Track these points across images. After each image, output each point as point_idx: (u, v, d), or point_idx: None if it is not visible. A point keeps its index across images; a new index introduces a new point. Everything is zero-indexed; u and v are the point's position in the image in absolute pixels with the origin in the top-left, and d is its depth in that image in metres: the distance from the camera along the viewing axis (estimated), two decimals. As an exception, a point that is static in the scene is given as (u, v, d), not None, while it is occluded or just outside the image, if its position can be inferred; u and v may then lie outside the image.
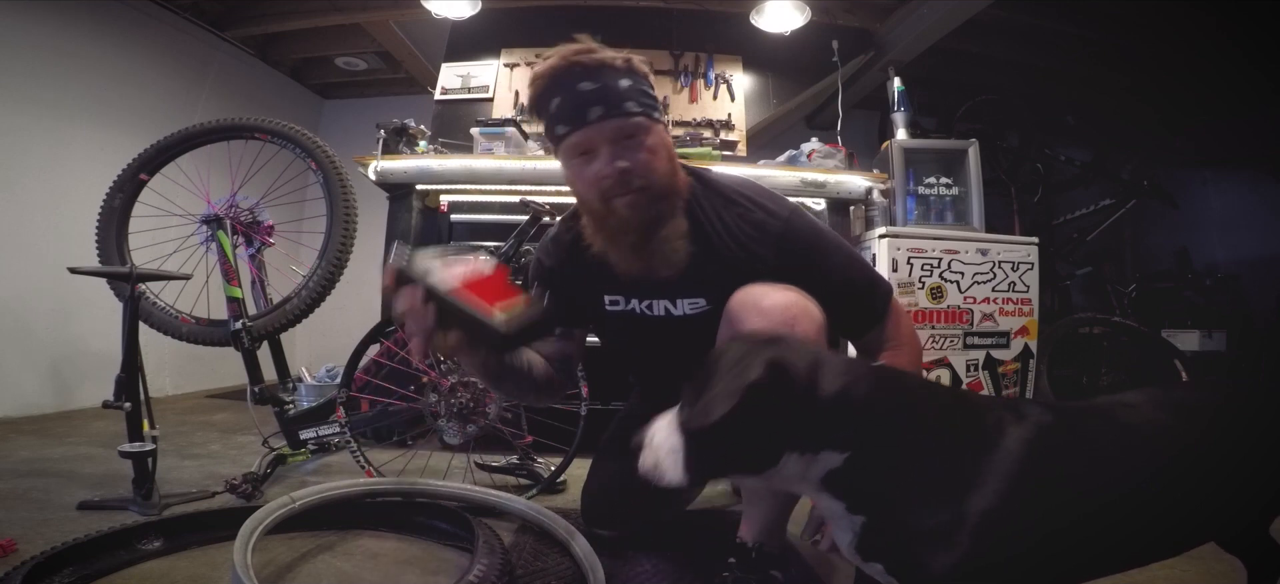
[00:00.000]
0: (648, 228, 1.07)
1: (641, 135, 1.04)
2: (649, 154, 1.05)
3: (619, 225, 1.07)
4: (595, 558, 1.16)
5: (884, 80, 3.20)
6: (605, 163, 1.03)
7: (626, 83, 1.03)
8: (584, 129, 1.03)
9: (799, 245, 1.09)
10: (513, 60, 3.37)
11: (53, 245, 2.68)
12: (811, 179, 2.62)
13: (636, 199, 1.05)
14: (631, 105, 1.03)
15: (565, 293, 1.24)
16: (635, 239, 1.07)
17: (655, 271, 1.11)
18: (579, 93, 1.02)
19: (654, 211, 1.06)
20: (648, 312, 1.18)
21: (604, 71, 1.03)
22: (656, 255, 1.09)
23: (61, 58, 2.89)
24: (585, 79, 1.02)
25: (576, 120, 1.03)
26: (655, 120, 1.06)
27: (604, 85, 1.02)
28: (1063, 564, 0.71)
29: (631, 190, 1.04)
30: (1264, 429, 0.81)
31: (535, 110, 1.10)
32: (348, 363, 1.73)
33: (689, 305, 1.15)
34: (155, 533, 1.22)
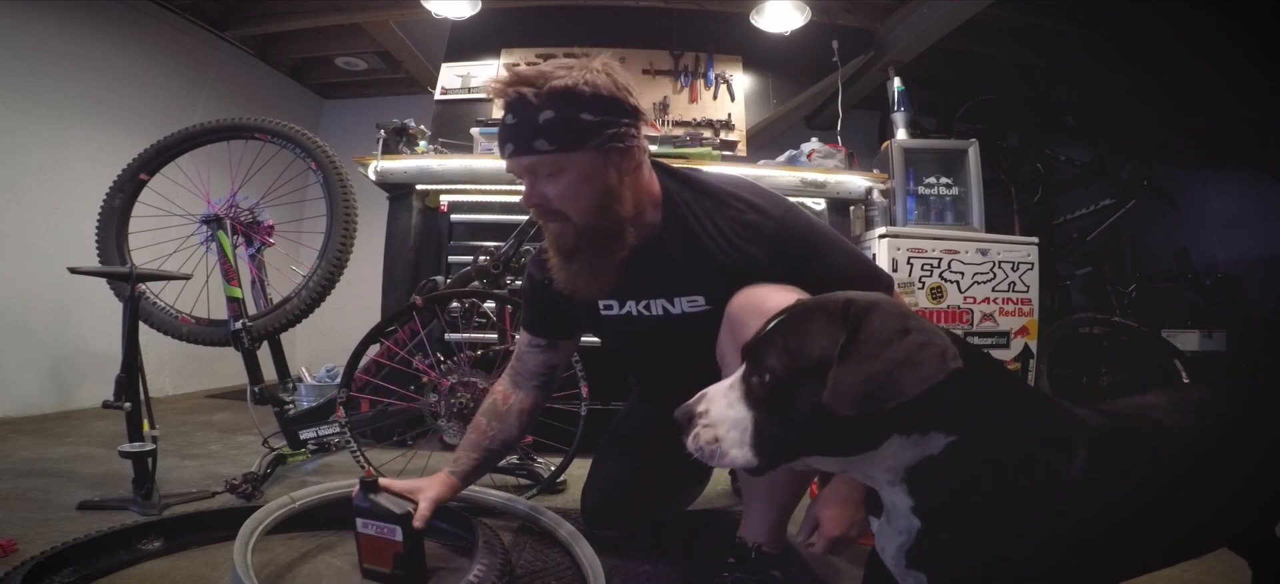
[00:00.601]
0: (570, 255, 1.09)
1: (558, 172, 1.03)
2: (563, 192, 1.04)
3: (550, 243, 1.12)
4: (595, 558, 1.16)
5: (884, 80, 3.20)
6: (526, 191, 1.06)
7: (547, 115, 0.99)
8: (507, 161, 1.06)
9: (795, 244, 1.08)
10: (513, 60, 3.36)
11: (53, 245, 2.68)
12: (811, 179, 2.62)
13: (557, 230, 1.08)
14: (541, 142, 1.00)
15: (557, 304, 1.23)
16: (562, 260, 1.11)
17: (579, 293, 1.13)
18: (504, 123, 1.05)
19: (577, 243, 1.08)
20: (645, 312, 1.18)
21: (521, 106, 1.01)
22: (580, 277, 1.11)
23: (61, 58, 2.89)
24: (509, 111, 1.03)
25: (501, 150, 1.07)
26: (590, 152, 1.02)
27: (520, 122, 1.01)
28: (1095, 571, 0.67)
29: (552, 221, 1.08)
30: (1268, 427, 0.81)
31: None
32: (348, 363, 1.73)
33: (687, 303, 1.15)
34: (155, 533, 1.22)
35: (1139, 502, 0.68)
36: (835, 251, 1.10)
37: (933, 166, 2.81)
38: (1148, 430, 0.74)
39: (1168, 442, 0.73)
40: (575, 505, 1.41)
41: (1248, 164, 3.77)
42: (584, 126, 1.01)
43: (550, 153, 1.01)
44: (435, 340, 1.94)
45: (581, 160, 1.02)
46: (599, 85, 1.01)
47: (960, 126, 3.59)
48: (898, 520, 0.68)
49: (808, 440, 0.64)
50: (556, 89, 1.00)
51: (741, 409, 0.64)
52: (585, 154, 1.02)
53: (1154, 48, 3.38)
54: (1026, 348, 2.46)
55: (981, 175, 2.75)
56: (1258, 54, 3.12)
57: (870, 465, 0.65)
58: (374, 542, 1.11)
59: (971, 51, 3.64)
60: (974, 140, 2.82)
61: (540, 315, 1.28)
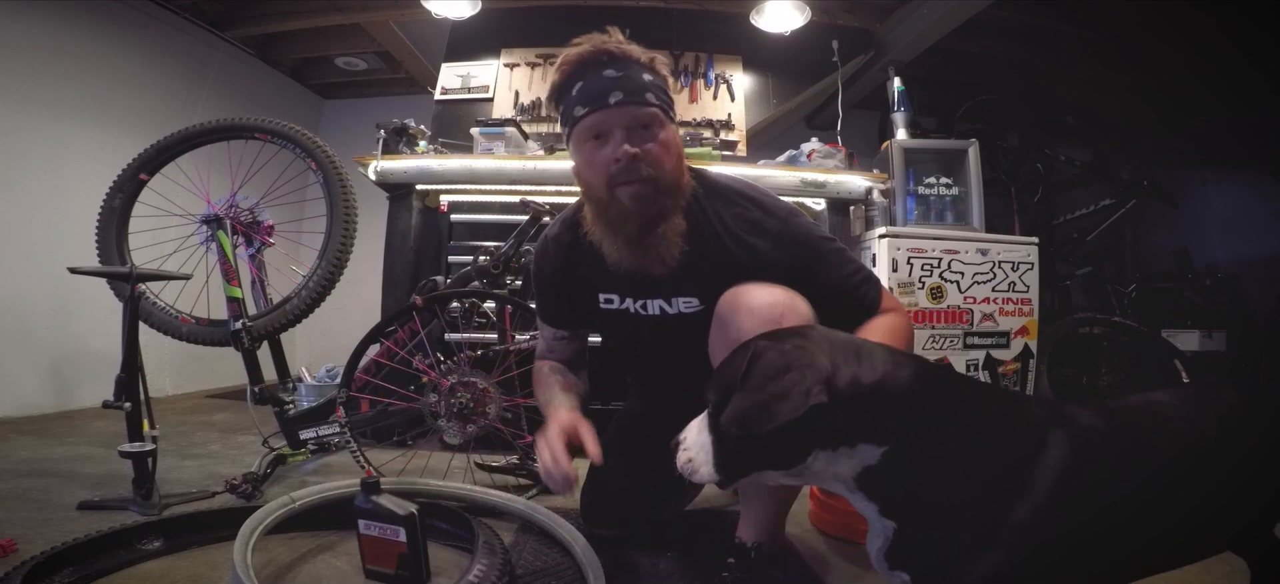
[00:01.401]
0: (647, 221, 1.07)
1: (656, 127, 1.07)
2: (660, 147, 1.07)
3: (619, 215, 1.08)
4: (595, 558, 1.16)
5: (884, 80, 3.20)
6: (617, 146, 1.05)
7: (648, 77, 1.07)
8: (602, 111, 1.05)
9: (796, 244, 1.11)
10: (513, 60, 3.37)
11: (53, 245, 2.68)
12: (811, 179, 2.62)
13: (641, 189, 1.06)
14: (650, 96, 1.06)
15: (564, 294, 1.25)
16: (634, 230, 1.08)
17: (648, 269, 1.11)
18: (603, 77, 1.05)
19: (656, 206, 1.07)
20: (642, 311, 1.18)
21: (628, 62, 1.07)
22: (652, 252, 1.09)
23: (61, 58, 2.89)
24: (610, 67, 1.06)
25: (596, 101, 1.05)
26: (671, 119, 1.10)
27: (627, 74, 1.05)
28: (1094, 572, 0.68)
29: (637, 179, 1.05)
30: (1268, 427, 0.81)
31: (557, 96, 1.12)
32: (348, 363, 1.73)
33: (683, 304, 1.16)
34: (155, 533, 1.22)
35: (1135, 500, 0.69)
36: (831, 254, 1.12)
37: (933, 166, 2.81)
38: (1145, 428, 0.75)
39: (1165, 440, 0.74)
40: (575, 505, 1.41)
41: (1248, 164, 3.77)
42: (670, 98, 1.12)
43: (655, 107, 1.07)
44: (435, 340, 1.94)
45: (671, 128, 1.10)
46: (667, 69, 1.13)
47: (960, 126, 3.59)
48: (873, 523, 0.73)
49: (750, 458, 0.73)
50: (656, 61, 1.10)
51: (706, 436, 0.75)
52: (673, 124, 1.11)
53: (1154, 48, 3.38)
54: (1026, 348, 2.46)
55: (981, 175, 2.75)
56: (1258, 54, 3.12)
57: (814, 477, 0.73)
58: (377, 543, 1.11)
59: (971, 51, 3.64)
60: (974, 140, 2.82)
61: (556, 308, 1.29)
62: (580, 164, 1.12)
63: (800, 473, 0.72)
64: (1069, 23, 3.32)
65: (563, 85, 1.10)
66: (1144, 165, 3.56)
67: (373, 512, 1.11)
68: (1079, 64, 3.66)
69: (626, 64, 1.06)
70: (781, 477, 0.74)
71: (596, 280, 1.20)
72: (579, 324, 1.32)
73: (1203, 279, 3.51)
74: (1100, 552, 0.67)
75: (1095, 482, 0.67)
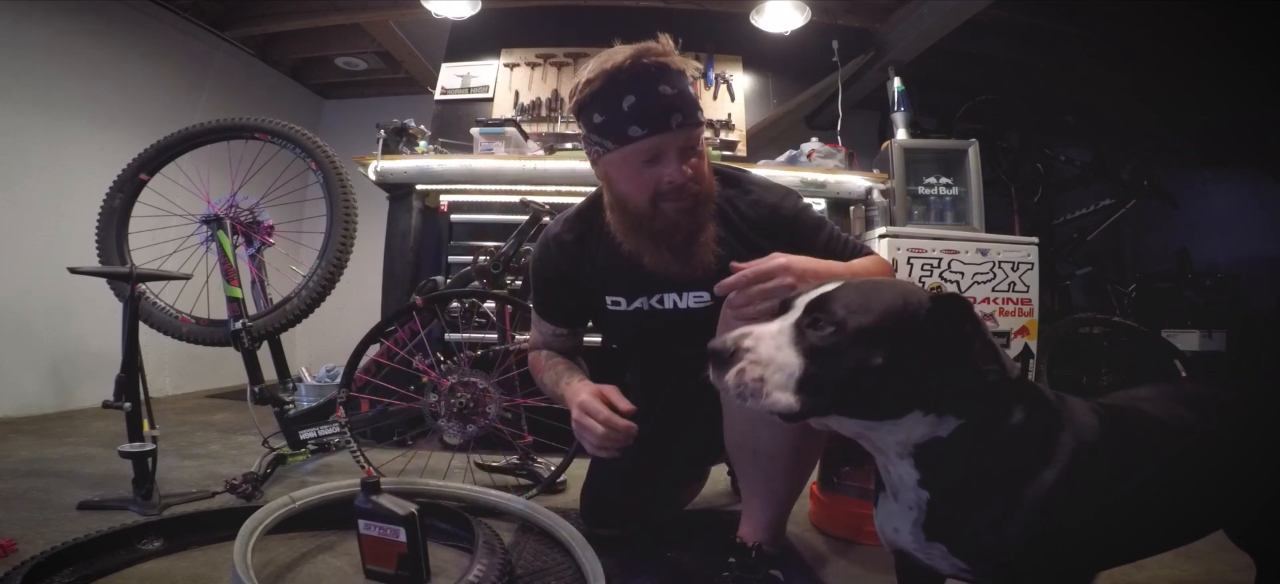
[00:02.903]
0: (691, 233, 1.11)
1: (701, 145, 1.10)
2: (704, 163, 1.10)
3: (665, 228, 1.10)
4: (595, 558, 1.16)
5: (884, 80, 3.20)
6: (673, 169, 1.05)
7: (692, 90, 1.09)
8: (663, 134, 1.04)
9: (808, 229, 1.18)
10: (513, 60, 3.37)
11: (53, 245, 2.68)
12: (811, 179, 2.62)
13: (688, 206, 1.09)
14: (700, 114, 1.09)
15: (567, 293, 1.26)
16: (681, 241, 1.11)
17: (689, 272, 1.14)
18: (660, 96, 1.03)
19: (698, 218, 1.11)
20: (658, 306, 1.21)
21: (681, 77, 1.06)
22: (695, 259, 1.13)
23: (61, 58, 2.89)
24: (664, 81, 1.03)
25: (656, 125, 1.03)
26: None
27: (681, 92, 1.05)
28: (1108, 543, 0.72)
29: (685, 197, 1.08)
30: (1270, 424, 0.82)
31: (598, 104, 1.07)
32: (348, 363, 1.73)
33: (693, 298, 1.18)
34: (155, 533, 1.22)
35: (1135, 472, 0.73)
36: (838, 238, 1.20)
37: (933, 166, 2.81)
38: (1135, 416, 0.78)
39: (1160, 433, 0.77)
40: (575, 505, 1.41)
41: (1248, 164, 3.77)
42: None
43: (702, 124, 1.10)
44: (435, 340, 1.94)
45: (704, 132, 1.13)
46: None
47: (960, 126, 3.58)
48: (905, 495, 0.72)
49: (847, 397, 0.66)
50: (687, 66, 1.10)
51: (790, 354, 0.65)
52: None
53: (1154, 48, 3.38)
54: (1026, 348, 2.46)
55: (981, 175, 2.75)
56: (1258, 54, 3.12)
57: (887, 434, 0.69)
58: (377, 543, 1.11)
59: (971, 51, 3.64)
60: (974, 140, 2.81)
61: (554, 306, 1.30)
62: (621, 177, 1.11)
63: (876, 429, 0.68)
64: (1069, 23, 3.32)
65: (607, 95, 1.05)
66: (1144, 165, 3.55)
67: (373, 512, 1.11)
68: (1079, 64, 3.66)
69: (679, 79, 1.05)
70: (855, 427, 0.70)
71: (603, 281, 1.21)
72: (578, 321, 1.32)
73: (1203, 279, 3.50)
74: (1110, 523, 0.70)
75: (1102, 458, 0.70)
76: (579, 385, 1.16)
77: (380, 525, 1.10)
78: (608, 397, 1.09)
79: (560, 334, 1.32)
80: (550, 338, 1.33)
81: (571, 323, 1.32)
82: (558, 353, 1.32)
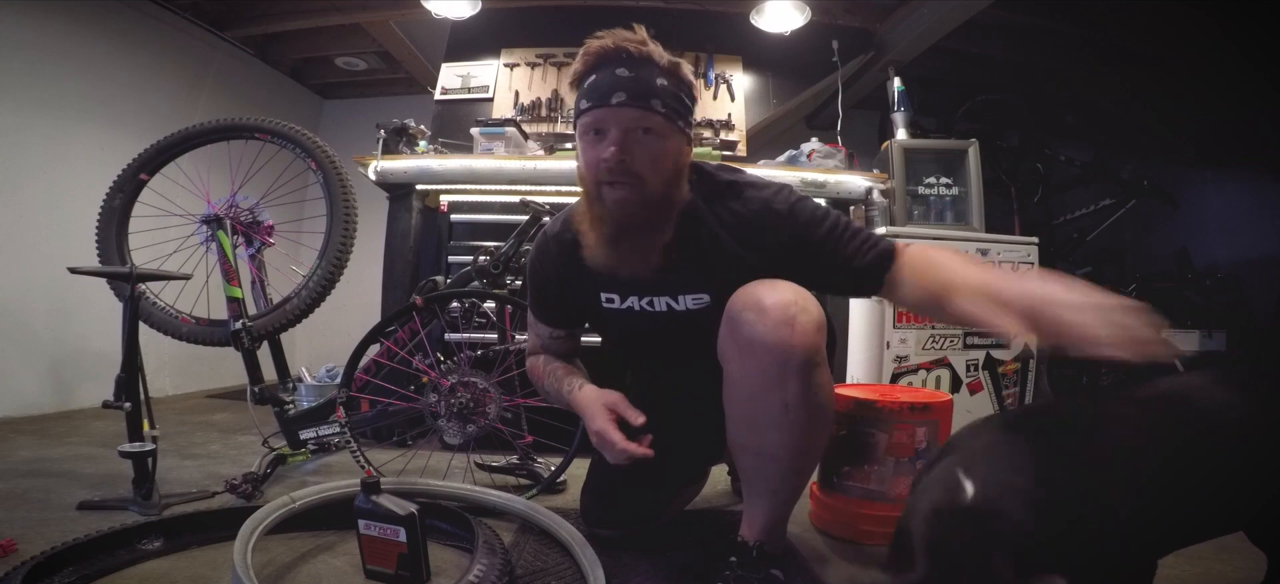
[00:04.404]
0: (624, 227, 1.09)
1: (658, 135, 1.06)
2: (652, 156, 1.06)
3: (600, 214, 1.10)
4: (595, 558, 1.16)
5: (884, 80, 3.20)
6: (608, 147, 1.05)
7: (663, 82, 1.06)
8: (602, 109, 1.05)
9: (806, 222, 1.12)
10: (513, 60, 3.37)
11: (53, 245, 2.68)
12: (811, 179, 2.62)
13: (625, 196, 1.06)
14: (657, 102, 1.05)
15: (564, 292, 1.26)
16: (609, 232, 1.10)
17: (618, 270, 1.13)
18: (613, 76, 1.05)
19: (636, 215, 1.08)
20: (649, 308, 1.19)
21: (645, 64, 1.05)
22: (626, 256, 1.11)
23: (61, 58, 2.89)
24: (624, 66, 1.05)
25: (599, 98, 1.05)
26: (678, 129, 1.09)
27: (638, 76, 1.04)
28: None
29: (623, 183, 1.05)
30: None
31: (574, 85, 1.12)
32: (348, 363, 1.73)
33: (692, 301, 1.17)
34: (155, 533, 1.22)
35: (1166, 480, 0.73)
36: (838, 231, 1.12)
37: (933, 166, 2.81)
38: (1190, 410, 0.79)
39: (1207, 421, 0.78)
40: (575, 505, 1.41)
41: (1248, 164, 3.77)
42: (684, 106, 1.11)
43: (660, 116, 1.06)
44: (435, 340, 1.94)
45: (674, 135, 1.09)
46: (692, 81, 1.12)
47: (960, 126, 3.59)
48: None
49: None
50: (675, 65, 1.09)
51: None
52: (678, 130, 1.09)
53: (1154, 48, 3.38)
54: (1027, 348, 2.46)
55: (981, 175, 2.75)
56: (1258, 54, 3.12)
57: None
58: (377, 543, 1.11)
59: (971, 51, 3.64)
60: (974, 140, 2.82)
61: (551, 306, 1.30)
62: (579, 158, 1.13)
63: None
64: (1069, 23, 3.32)
65: (579, 76, 1.10)
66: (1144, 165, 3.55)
67: (373, 512, 1.11)
68: (1079, 64, 3.66)
69: (641, 65, 1.05)
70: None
71: (599, 279, 1.20)
72: (576, 323, 1.32)
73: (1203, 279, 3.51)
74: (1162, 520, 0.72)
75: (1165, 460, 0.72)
76: (584, 393, 1.18)
77: (380, 525, 1.10)
78: (618, 410, 1.12)
79: (557, 336, 1.32)
80: (547, 341, 1.33)
81: (568, 324, 1.32)
82: (556, 356, 1.32)
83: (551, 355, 1.33)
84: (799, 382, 1.01)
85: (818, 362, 1.03)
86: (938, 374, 2.33)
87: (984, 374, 2.39)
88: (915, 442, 1.39)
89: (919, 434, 1.39)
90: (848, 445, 1.42)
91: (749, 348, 1.03)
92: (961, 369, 2.36)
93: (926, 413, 1.40)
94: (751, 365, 1.04)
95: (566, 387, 1.24)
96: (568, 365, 1.30)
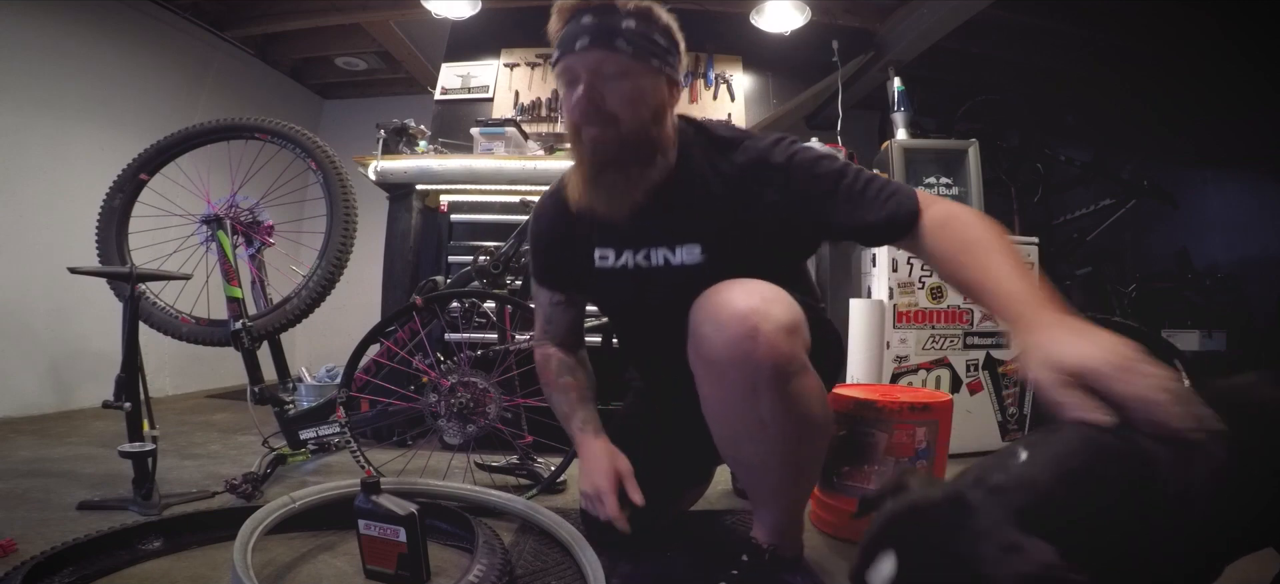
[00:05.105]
0: (602, 164, 1.08)
1: (626, 75, 1.04)
2: (621, 95, 1.05)
3: (582, 156, 1.09)
4: (595, 558, 1.16)
5: (884, 80, 3.20)
6: (579, 90, 1.05)
7: (630, 24, 1.04)
8: (569, 55, 1.05)
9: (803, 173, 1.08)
10: (513, 60, 3.37)
11: (53, 245, 2.68)
12: (811, 179, 2.61)
13: (600, 135, 1.05)
14: (621, 43, 1.03)
15: (560, 251, 1.25)
16: (588, 172, 1.09)
17: (602, 210, 1.11)
18: (579, 25, 1.04)
19: (613, 153, 1.06)
20: (645, 262, 1.16)
21: (608, 11, 1.04)
22: (607, 194, 1.09)
23: (61, 58, 2.89)
24: (589, 13, 1.04)
25: (566, 47, 1.05)
26: (654, 69, 1.06)
27: (602, 23, 1.03)
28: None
29: (596, 123, 1.05)
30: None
31: (552, 42, 1.12)
32: (348, 363, 1.73)
33: (685, 253, 1.13)
34: (155, 533, 1.22)
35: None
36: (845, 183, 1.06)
37: (933, 166, 2.81)
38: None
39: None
40: (575, 505, 1.41)
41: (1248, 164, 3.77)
42: (656, 46, 1.07)
43: (626, 55, 1.04)
44: (435, 340, 1.94)
45: (647, 73, 1.06)
46: (669, 20, 1.10)
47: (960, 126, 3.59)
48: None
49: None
50: (641, 6, 1.06)
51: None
52: (651, 69, 1.06)
53: (1154, 48, 3.38)
54: (1026, 348, 2.46)
55: (981, 175, 2.75)
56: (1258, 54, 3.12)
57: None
58: (377, 543, 1.11)
59: (971, 51, 3.64)
60: (974, 140, 2.82)
61: (551, 266, 1.29)
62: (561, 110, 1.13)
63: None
64: (1069, 23, 3.32)
65: (554, 34, 1.10)
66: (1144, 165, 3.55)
67: (373, 512, 1.11)
68: (1079, 64, 3.66)
69: (607, 12, 1.04)
70: None
71: (592, 235, 1.19)
72: (574, 285, 1.29)
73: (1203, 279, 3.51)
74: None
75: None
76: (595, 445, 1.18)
77: (380, 525, 1.10)
78: (622, 477, 1.13)
79: (558, 302, 1.30)
80: (550, 312, 1.31)
81: (567, 287, 1.29)
82: (561, 332, 1.31)
83: (556, 332, 1.31)
84: (771, 396, 0.97)
85: (791, 371, 0.97)
86: (938, 374, 2.33)
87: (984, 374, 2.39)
88: (915, 442, 1.39)
89: (919, 434, 1.39)
90: (848, 446, 1.42)
91: (712, 365, 1.00)
92: (962, 369, 2.36)
93: (927, 413, 1.40)
94: (718, 383, 1.01)
95: (577, 420, 1.24)
96: (581, 387, 1.28)
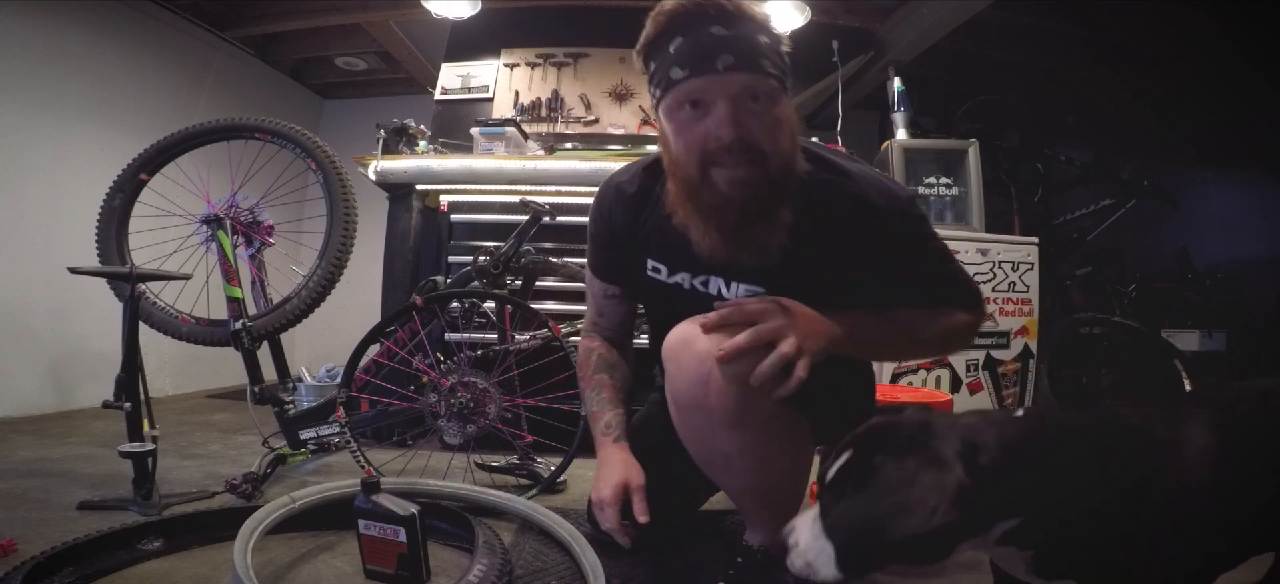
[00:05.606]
0: (748, 213, 0.92)
1: (770, 103, 0.91)
2: (773, 126, 0.91)
3: (713, 201, 0.93)
4: (596, 558, 1.16)
5: (884, 80, 3.20)
6: (720, 123, 0.89)
7: (765, 39, 0.90)
8: (706, 77, 0.88)
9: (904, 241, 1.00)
10: (513, 60, 3.37)
11: (53, 245, 2.68)
12: (811, 179, 2.61)
13: (746, 175, 0.90)
14: (767, 64, 0.89)
15: (613, 247, 1.18)
16: (732, 220, 0.93)
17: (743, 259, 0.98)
18: (710, 35, 0.88)
19: (760, 195, 0.92)
20: (701, 287, 1.07)
21: (742, 21, 0.89)
22: (748, 245, 0.96)
23: (61, 58, 2.89)
24: (718, 22, 0.89)
25: (699, 65, 0.88)
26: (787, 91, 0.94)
27: (739, 33, 0.89)
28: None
29: (741, 163, 0.90)
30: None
31: (648, 51, 0.96)
32: (348, 363, 1.72)
33: (744, 291, 1.04)
34: (155, 533, 1.22)
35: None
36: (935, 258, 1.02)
37: (933, 166, 2.82)
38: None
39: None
40: (575, 505, 1.41)
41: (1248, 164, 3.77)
42: (786, 62, 0.94)
43: (773, 78, 0.90)
44: (435, 340, 1.94)
45: (786, 101, 0.94)
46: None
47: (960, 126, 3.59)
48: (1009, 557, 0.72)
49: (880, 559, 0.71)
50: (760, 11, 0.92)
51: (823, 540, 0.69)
52: (788, 96, 0.94)
53: (1154, 48, 3.38)
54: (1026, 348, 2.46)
55: (981, 175, 2.75)
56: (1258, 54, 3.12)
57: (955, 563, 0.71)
58: (377, 543, 1.11)
59: (971, 51, 3.64)
60: (974, 140, 2.82)
61: (607, 258, 1.20)
62: (670, 134, 0.96)
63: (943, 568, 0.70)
64: (1069, 23, 3.32)
65: (657, 39, 0.93)
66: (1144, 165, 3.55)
67: (373, 512, 1.11)
68: (1079, 64, 3.66)
69: (739, 22, 0.89)
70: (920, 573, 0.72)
71: (648, 243, 1.11)
72: (629, 283, 1.22)
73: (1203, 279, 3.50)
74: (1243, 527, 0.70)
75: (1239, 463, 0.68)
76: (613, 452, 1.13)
77: (380, 525, 1.10)
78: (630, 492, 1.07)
79: (612, 295, 1.24)
80: (602, 303, 1.25)
81: (621, 281, 1.22)
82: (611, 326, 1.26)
83: (606, 325, 1.25)
84: (730, 438, 0.94)
85: (744, 422, 0.92)
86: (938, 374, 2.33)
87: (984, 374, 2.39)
88: (915, 442, 1.39)
89: (919, 434, 1.39)
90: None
91: (675, 401, 0.98)
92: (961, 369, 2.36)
93: (926, 413, 1.40)
94: (680, 417, 0.99)
95: (603, 422, 1.18)
96: (614, 388, 1.21)
